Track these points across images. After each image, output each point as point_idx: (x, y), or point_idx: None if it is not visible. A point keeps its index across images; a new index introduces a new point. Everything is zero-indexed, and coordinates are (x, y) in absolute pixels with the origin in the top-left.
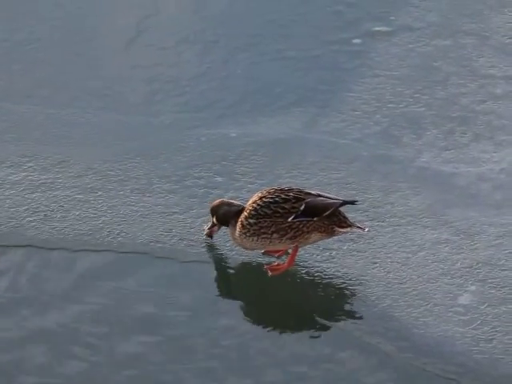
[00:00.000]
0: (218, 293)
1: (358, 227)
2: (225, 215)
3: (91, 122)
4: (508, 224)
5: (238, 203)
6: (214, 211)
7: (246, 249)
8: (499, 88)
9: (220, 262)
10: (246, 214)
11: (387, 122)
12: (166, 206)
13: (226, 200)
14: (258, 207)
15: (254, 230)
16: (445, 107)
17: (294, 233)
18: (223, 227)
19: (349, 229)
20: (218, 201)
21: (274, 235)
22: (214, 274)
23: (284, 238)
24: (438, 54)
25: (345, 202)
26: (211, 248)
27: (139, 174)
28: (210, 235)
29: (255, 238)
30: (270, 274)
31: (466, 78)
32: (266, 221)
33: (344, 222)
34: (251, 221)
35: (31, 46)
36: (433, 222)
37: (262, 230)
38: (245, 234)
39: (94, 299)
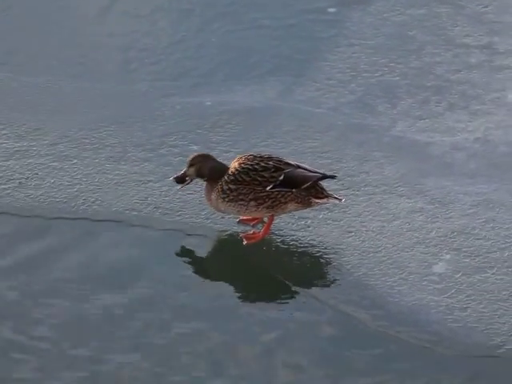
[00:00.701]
0: (192, 261)
1: (335, 198)
2: (211, 170)
3: (66, 90)
4: (482, 193)
5: (223, 163)
6: (198, 161)
7: (219, 211)
8: (474, 57)
9: (195, 231)
10: (225, 178)
11: (362, 91)
12: (141, 174)
13: (210, 155)
14: (236, 173)
15: (232, 195)
16: (420, 76)
17: (272, 202)
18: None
19: (325, 199)
20: (203, 152)
21: (252, 203)
22: (189, 242)
23: (261, 207)
24: (413, 23)
25: (324, 176)
26: (186, 216)
27: (114, 142)
28: (181, 181)
29: (232, 204)
30: (245, 242)
31: (440, 47)
32: (244, 187)
33: (321, 193)
34: (231, 186)
35: (4, 14)
36: (408, 190)
37: (240, 197)
38: (223, 198)
39: (67, 267)
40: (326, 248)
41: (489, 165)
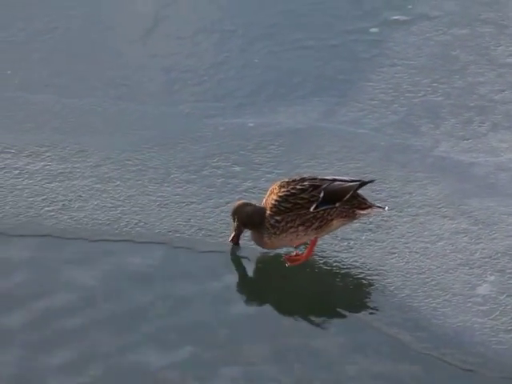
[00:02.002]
0: (236, 283)
1: (378, 207)
2: (249, 217)
3: (109, 112)
4: None
5: (257, 203)
6: (237, 212)
7: (273, 249)
8: None
9: (238, 252)
10: (269, 213)
11: (405, 112)
12: (184, 195)
13: (245, 200)
14: (277, 203)
15: (282, 226)
16: (463, 96)
17: (319, 222)
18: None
19: (369, 210)
20: (238, 202)
21: (300, 228)
22: (232, 264)
23: (310, 230)
24: (456, 42)
25: (363, 183)
26: (229, 238)
27: (157, 164)
28: (236, 242)
29: (284, 235)
30: (288, 264)
31: (484, 67)
32: (289, 215)
33: (364, 204)
34: (277, 218)
35: (49, 36)
36: (451, 211)
37: (288, 225)
38: (275, 233)
39: (112, 288)
40: (369, 269)
41: None
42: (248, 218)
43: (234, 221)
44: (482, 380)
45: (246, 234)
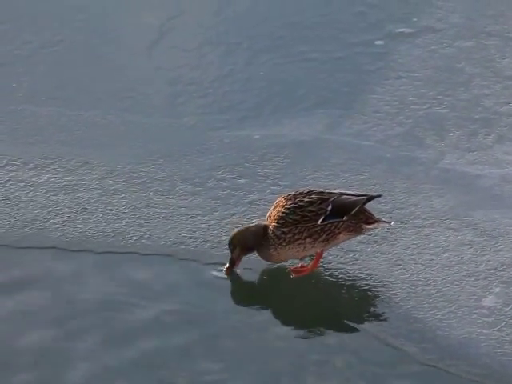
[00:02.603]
0: (240, 294)
1: (384, 222)
2: (254, 237)
3: (114, 124)
4: None
5: (252, 224)
6: (238, 240)
7: (280, 261)
8: None
9: (243, 264)
10: (274, 225)
11: (410, 124)
12: (189, 208)
13: (242, 227)
14: (284, 215)
15: (288, 238)
16: (468, 109)
17: (327, 235)
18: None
19: (376, 224)
20: (236, 230)
21: (308, 240)
22: (238, 275)
23: (317, 242)
24: (461, 55)
25: (371, 198)
26: None
27: (162, 176)
28: (232, 266)
29: (290, 246)
30: (293, 275)
31: (489, 79)
32: (297, 227)
33: (370, 218)
34: (284, 230)
35: (54, 48)
36: (456, 223)
37: (295, 237)
38: (280, 244)
39: (118, 300)
40: (374, 281)
41: None
42: (252, 241)
43: (233, 250)
44: None
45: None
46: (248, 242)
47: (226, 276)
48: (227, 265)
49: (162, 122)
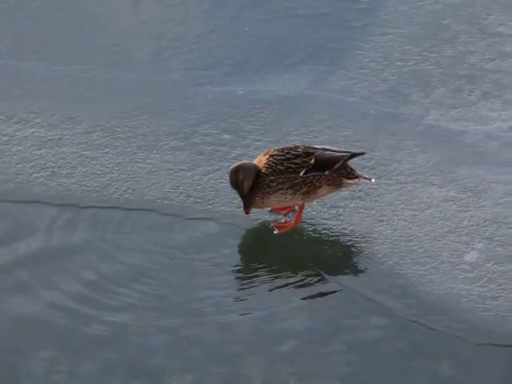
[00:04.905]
0: (223, 249)
1: (365, 178)
2: (254, 173)
3: (99, 79)
4: None
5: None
6: (244, 172)
7: (258, 208)
8: (508, 46)
9: (226, 219)
10: (264, 172)
11: (395, 80)
12: (172, 163)
13: (238, 163)
14: (273, 164)
15: (274, 186)
16: (453, 65)
17: (308, 187)
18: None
19: (356, 180)
20: (235, 165)
21: (289, 191)
22: (220, 230)
23: (297, 194)
24: (447, 11)
25: (354, 155)
26: (218, 205)
27: (146, 131)
28: (249, 205)
29: (274, 195)
30: (277, 231)
31: (474, 36)
32: (280, 177)
33: (352, 174)
34: (272, 178)
35: (37, 3)
36: (440, 179)
37: (279, 187)
38: (268, 193)
39: (100, 255)
40: (357, 237)
41: None
42: (253, 172)
43: (243, 185)
44: (468, 346)
45: (237, 199)
46: (252, 173)
47: (247, 215)
48: (243, 205)
49: (147, 77)
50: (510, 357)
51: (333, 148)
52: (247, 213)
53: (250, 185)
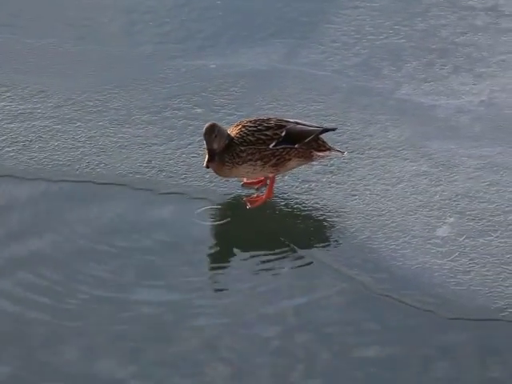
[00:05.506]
0: (195, 224)
1: (338, 151)
2: (225, 139)
3: (70, 52)
4: (487, 156)
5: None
6: (220, 130)
7: (227, 178)
8: (479, 20)
9: (199, 194)
10: (235, 141)
11: (367, 54)
12: (145, 137)
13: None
14: (244, 135)
15: (243, 157)
16: (425, 39)
17: (277, 160)
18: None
19: (327, 152)
20: (211, 122)
21: (258, 162)
22: (193, 205)
23: (267, 166)
24: None
25: (325, 130)
26: (190, 179)
27: (118, 105)
28: (211, 161)
29: (243, 166)
30: (249, 206)
31: (446, 9)
32: (250, 148)
33: (323, 146)
34: (242, 148)
35: None
36: (412, 154)
37: (248, 157)
38: (237, 163)
39: (71, 229)
40: (329, 211)
41: (493, 128)
42: (224, 138)
43: (215, 139)
44: (440, 321)
45: (209, 174)
46: (225, 135)
47: (206, 169)
48: (206, 157)
49: (118, 50)
50: (481, 331)
51: (306, 122)
52: (207, 167)
53: (221, 145)
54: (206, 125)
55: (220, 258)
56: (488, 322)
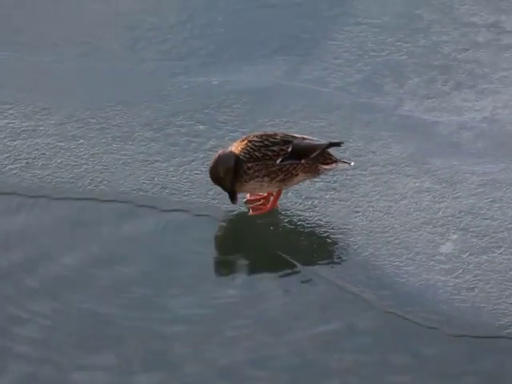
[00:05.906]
0: (198, 240)
1: (344, 162)
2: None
3: (73, 70)
4: (490, 172)
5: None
6: (221, 171)
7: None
8: (481, 36)
9: (202, 211)
10: (242, 158)
11: (369, 71)
12: (147, 154)
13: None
14: (251, 150)
15: (250, 174)
16: (427, 55)
17: (284, 175)
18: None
19: (334, 165)
20: (212, 163)
21: (265, 178)
22: (196, 222)
23: (274, 181)
24: (420, 1)
25: (331, 144)
26: (193, 196)
27: (121, 122)
28: (235, 198)
29: (250, 183)
30: (252, 212)
31: (447, 26)
32: (257, 164)
33: (329, 159)
34: (249, 165)
35: None
36: (415, 170)
37: (255, 174)
38: (245, 180)
39: (75, 247)
40: (332, 228)
41: (496, 144)
42: (233, 162)
43: (224, 180)
44: (444, 338)
45: (212, 191)
46: (231, 165)
47: (235, 205)
48: (229, 197)
49: (121, 67)
50: (485, 348)
51: (312, 138)
52: (235, 204)
53: (232, 176)
54: (210, 171)
55: (222, 274)
56: (492, 339)
